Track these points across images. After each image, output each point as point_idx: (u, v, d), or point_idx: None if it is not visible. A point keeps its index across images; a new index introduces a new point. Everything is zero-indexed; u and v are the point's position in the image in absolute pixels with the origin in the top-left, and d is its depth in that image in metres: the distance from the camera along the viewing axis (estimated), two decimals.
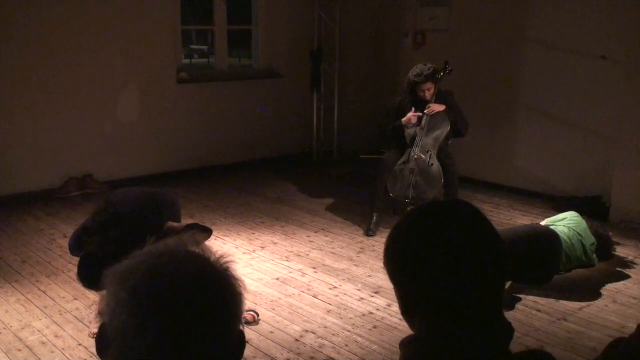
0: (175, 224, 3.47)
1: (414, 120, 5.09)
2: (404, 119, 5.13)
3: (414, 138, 5.12)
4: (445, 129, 5.10)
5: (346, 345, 3.35)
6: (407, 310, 1.18)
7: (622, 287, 4.14)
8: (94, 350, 3.20)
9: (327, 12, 7.46)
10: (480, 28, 6.46)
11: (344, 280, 4.22)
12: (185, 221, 4.11)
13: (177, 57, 6.89)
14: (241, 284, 1.01)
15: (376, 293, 4.00)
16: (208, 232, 3.51)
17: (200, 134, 6.95)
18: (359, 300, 3.90)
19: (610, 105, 5.55)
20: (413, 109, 5.12)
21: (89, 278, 3.29)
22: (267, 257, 4.61)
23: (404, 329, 3.23)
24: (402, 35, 7.27)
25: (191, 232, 3.32)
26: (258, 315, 3.61)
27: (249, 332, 3.41)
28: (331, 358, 3.23)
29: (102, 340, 0.96)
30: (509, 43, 6.28)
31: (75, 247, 3.44)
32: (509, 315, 3.60)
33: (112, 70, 6.25)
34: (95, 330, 3.34)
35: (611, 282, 4.21)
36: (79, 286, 3.61)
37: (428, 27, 6.95)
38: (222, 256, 1.02)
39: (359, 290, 4.06)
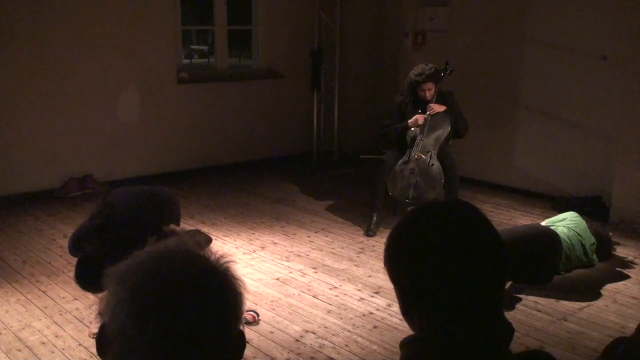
0: (177, 228, 3.46)
1: (421, 122, 5.08)
2: (410, 120, 5.12)
3: (414, 138, 5.12)
4: (445, 129, 5.10)
5: (346, 345, 3.35)
6: (407, 310, 1.18)
7: (622, 287, 4.14)
8: (94, 350, 3.20)
9: (327, 12, 7.46)
10: (480, 28, 6.46)
11: (344, 280, 4.21)
12: (185, 222, 4.11)
13: (177, 57, 6.90)
14: (241, 284, 1.01)
15: (376, 293, 4.00)
16: (209, 237, 3.52)
17: (200, 134, 6.95)
18: (359, 300, 3.90)
19: (610, 105, 5.55)
20: (420, 110, 5.11)
21: (86, 280, 3.29)
22: (267, 257, 4.61)
23: (404, 329, 3.22)
24: (402, 35, 7.26)
25: (192, 232, 3.34)
26: (258, 315, 3.60)
27: (249, 332, 3.41)
28: (331, 358, 3.23)
29: (102, 340, 0.96)
30: (509, 43, 6.27)
31: (74, 249, 3.44)
32: (509, 315, 3.60)
33: (112, 70, 6.25)
34: (95, 330, 3.33)
35: (611, 282, 4.21)
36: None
37: (428, 27, 6.95)
38: (222, 256, 1.02)
39: (359, 290, 4.06)
